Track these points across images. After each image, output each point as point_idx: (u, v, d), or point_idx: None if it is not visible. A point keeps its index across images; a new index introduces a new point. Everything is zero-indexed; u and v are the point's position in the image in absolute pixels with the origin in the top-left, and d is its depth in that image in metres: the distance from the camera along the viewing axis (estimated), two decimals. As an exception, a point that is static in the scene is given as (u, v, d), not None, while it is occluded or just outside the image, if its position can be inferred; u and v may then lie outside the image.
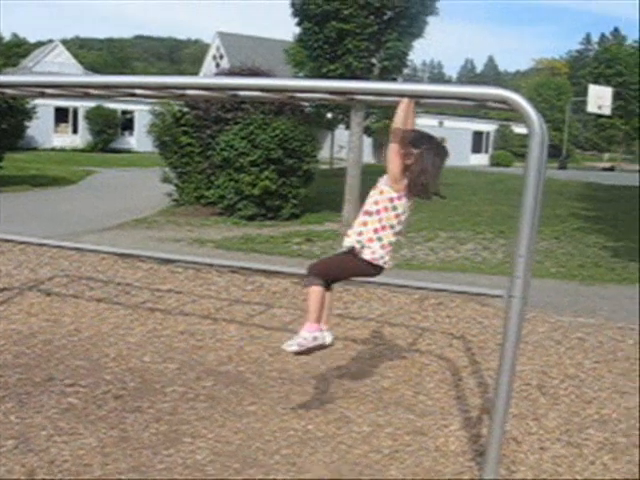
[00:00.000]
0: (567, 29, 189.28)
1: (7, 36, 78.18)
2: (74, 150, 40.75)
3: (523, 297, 3.48)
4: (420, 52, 23.03)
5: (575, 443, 4.32)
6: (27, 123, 20.33)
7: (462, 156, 46.96)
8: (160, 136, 16.43)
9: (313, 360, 5.60)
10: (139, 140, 43.48)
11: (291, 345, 4.09)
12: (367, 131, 18.06)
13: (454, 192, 22.56)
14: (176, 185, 16.79)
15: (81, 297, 7.17)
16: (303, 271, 8.44)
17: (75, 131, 43.10)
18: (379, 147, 41.64)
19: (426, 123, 43.11)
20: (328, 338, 4.14)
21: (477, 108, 4.11)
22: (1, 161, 19.46)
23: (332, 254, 4.43)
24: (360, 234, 3.96)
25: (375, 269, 4.05)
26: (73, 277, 7.99)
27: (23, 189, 19.91)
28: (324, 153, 20.47)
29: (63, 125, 42.90)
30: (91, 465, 3.72)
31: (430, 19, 14.27)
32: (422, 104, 4.19)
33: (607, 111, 41.00)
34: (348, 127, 24.28)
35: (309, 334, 4.07)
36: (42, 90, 5.38)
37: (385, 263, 4.01)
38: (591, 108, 40.50)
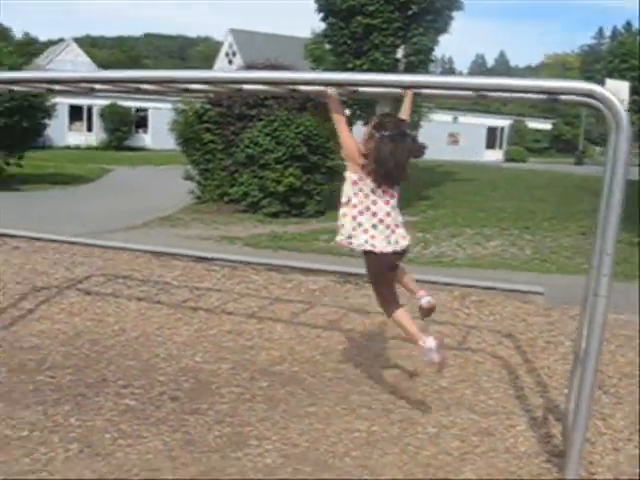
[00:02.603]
0: (579, 23, 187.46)
1: (18, 35, 78.60)
2: (89, 148, 40.80)
3: (609, 296, 3.38)
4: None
5: (648, 444, 4.22)
6: (47, 121, 20.27)
7: (476, 152, 46.80)
8: (182, 133, 16.34)
9: (366, 360, 5.53)
10: (153, 137, 43.54)
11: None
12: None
13: (475, 188, 22.44)
14: (198, 182, 16.71)
15: (121, 296, 7.10)
16: (340, 268, 8.41)
17: (90, 129, 43.15)
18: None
19: (440, 119, 43.00)
20: (432, 342, 4.15)
21: (548, 103, 3.99)
22: (22, 159, 19.44)
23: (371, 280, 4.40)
24: (342, 226, 4.06)
25: (384, 257, 4.06)
26: (110, 276, 7.92)
27: (43, 187, 19.87)
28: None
29: (78, 123, 42.95)
30: (161, 470, 3.65)
31: (455, 14, 14.13)
32: (488, 97, 4.07)
33: (624, 105, 40.58)
34: (366, 123, 24.23)
35: (429, 351, 4.14)
36: (50, 86, 5.29)
37: (374, 247, 4.01)
38: (608, 102, 40.08)
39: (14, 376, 4.93)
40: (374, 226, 3.98)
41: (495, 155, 48.92)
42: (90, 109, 42.58)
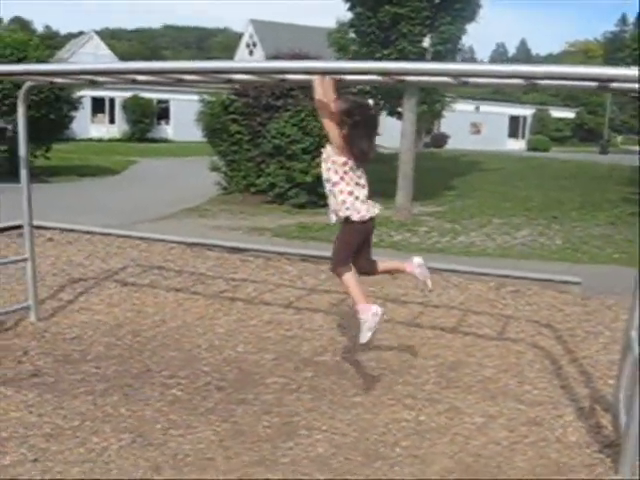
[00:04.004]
0: (601, 9, 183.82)
1: (39, 28, 79.12)
2: (111, 140, 40.91)
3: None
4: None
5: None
6: (73, 113, 20.37)
7: (499, 141, 46.50)
8: (209, 124, 16.37)
9: (407, 349, 5.53)
10: (175, 129, 43.61)
11: (365, 337, 4.18)
12: (401, 115, 17.77)
13: (500, 177, 22.34)
14: (225, 173, 16.73)
15: (158, 287, 7.14)
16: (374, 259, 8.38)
17: (112, 121, 43.23)
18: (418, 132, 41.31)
19: (462, 108, 42.75)
20: (378, 309, 4.24)
21: (595, 91, 3.95)
22: (49, 151, 19.55)
23: (335, 240, 4.52)
24: (344, 202, 4.25)
25: (366, 224, 4.33)
26: (145, 267, 7.96)
27: (70, 179, 20.01)
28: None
29: (100, 115, 43.05)
30: (214, 459, 3.67)
31: (486, 2, 14.00)
32: (538, 86, 4.04)
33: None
34: (390, 114, 24.13)
35: (369, 315, 4.17)
36: (93, 78, 5.29)
37: (368, 211, 4.29)
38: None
39: (60, 367, 4.98)
40: (365, 196, 4.30)
41: (517, 144, 48.58)
42: (112, 101, 42.68)
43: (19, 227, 9.32)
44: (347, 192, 4.26)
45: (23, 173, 5.74)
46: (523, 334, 6.09)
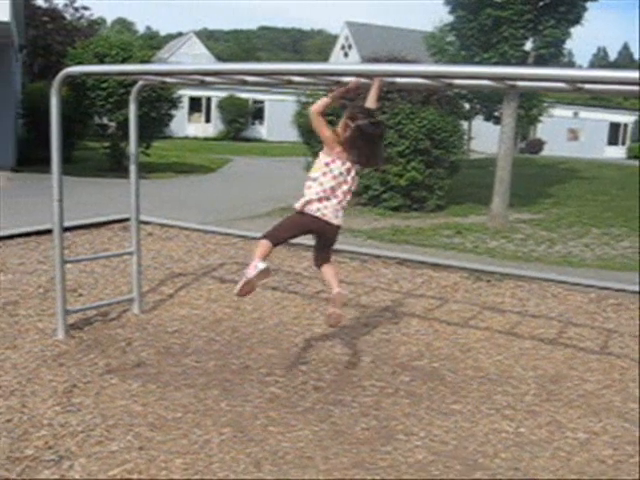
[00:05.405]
0: None
1: (141, 29, 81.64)
2: (206, 139, 41.76)
3: None
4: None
5: None
6: (173, 112, 20.83)
7: (597, 148, 45.15)
8: (306, 126, 16.48)
9: (506, 360, 5.43)
10: (269, 129, 44.18)
11: (237, 287, 4.49)
12: (497, 120, 17.60)
13: (600, 186, 21.69)
14: (319, 174, 16.84)
15: (256, 285, 7.22)
16: (470, 265, 8.29)
17: (208, 120, 44.14)
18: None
19: (560, 113, 41.78)
20: (263, 265, 4.42)
21: None
22: (149, 149, 20.05)
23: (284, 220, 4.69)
24: (303, 196, 4.40)
25: (319, 223, 4.41)
26: (242, 264, 8.05)
27: (168, 176, 20.47)
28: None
29: (197, 114, 44.02)
30: (313, 458, 3.69)
31: (588, 5, 13.61)
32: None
33: None
34: (487, 118, 23.81)
35: (251, 268, 4.40)
36: (204, 78, 5.39)
37: (324, 216, 4.38)
38: None
39: (162, 359, 5.11)
40: (328, 198, 4.37)
41: (617, 152, 47.02)
42: (209, 100, 43.58)
43: (120, 221, 9.69)
44: (314, 192, 4.37)
45: (132, 168, 5.90)
46: (627, 349, 5.90)
